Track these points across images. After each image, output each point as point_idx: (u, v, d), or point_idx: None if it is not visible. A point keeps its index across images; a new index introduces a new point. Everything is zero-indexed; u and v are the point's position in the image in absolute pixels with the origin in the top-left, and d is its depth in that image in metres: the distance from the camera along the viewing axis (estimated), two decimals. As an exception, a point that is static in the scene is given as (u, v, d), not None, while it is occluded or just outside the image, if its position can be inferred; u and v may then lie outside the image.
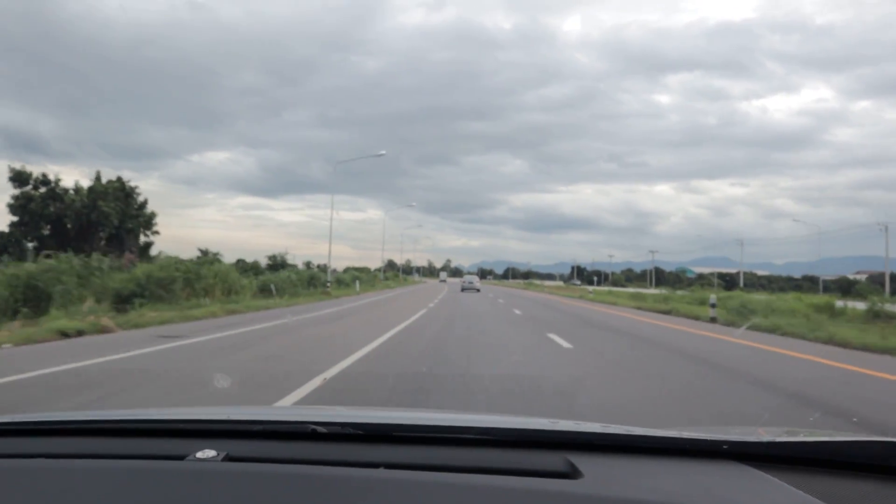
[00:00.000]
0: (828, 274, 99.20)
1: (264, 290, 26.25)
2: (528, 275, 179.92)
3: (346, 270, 63.63)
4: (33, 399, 5.62)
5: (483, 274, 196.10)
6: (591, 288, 41.64)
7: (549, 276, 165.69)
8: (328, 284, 34.87)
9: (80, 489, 1.04)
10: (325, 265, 45.45)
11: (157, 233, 42.67)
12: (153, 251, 39.49)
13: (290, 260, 42.58)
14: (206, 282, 21.65)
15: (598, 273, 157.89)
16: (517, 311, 20.99)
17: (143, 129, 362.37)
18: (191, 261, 23.22)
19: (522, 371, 7.58)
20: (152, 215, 42.59)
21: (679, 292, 35.25)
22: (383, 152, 44.94)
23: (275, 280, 27.88)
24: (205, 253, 32.39)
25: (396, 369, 7.30)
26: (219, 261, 27.61)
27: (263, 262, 40.71)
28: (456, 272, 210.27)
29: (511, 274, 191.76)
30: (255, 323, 14.44)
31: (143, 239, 42.03)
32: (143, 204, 42.07)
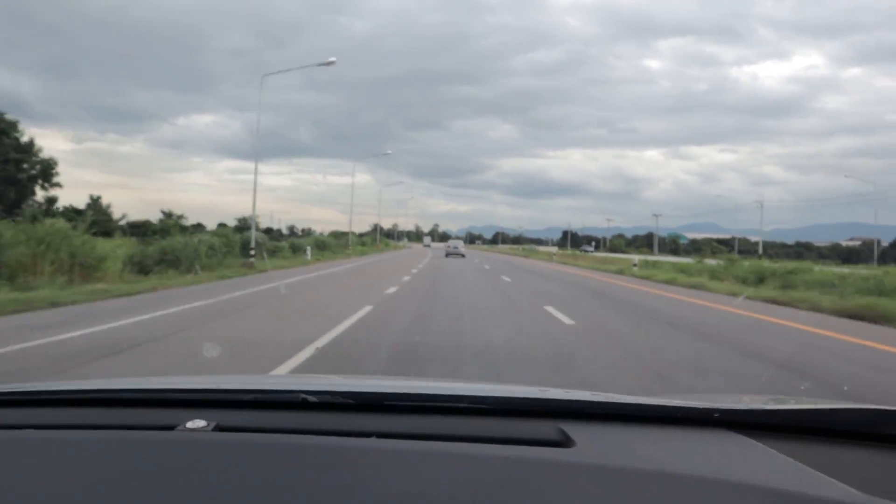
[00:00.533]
0: (819, 240, 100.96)
1: (153, 263, 17.49)
2: (518, 240, 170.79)
3: (329, 235, 58.88)
4: None
5: (471, 239, 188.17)
6: (636, 259, 31.89)
7: (540, 242, 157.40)
8: (252, 253, 23.83)
9: (70, 459, 1.02)
10: (308, 229, 40.27)
11: (57, 185, 33.76)
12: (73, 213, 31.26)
13: (268, 224, 36.51)
14: (45, 251, 13.02)
15: (588, 238, 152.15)
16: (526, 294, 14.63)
17: (128, 92, 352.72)
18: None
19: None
20: (50, 164, 33.51)
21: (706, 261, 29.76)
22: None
23: (175, 247, 18.83)
24: (168, 216, 27.77)
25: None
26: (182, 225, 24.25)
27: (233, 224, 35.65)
28: (444, 237, 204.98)
29: (501, 239, 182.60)
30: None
31: (41, 194, 33.13)
32: (31, 147, 33.23)
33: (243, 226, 35.53)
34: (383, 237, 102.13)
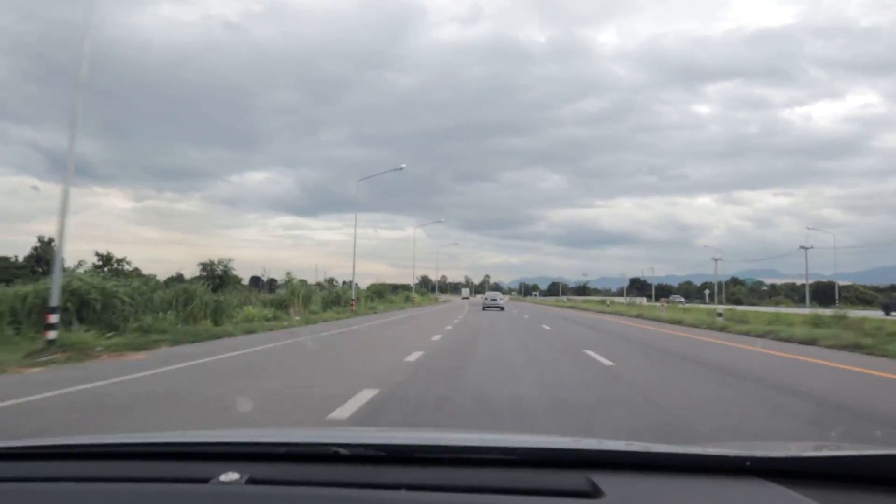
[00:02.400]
0: (883, 283, 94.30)
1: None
2: (583, 290, 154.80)
3: (368, 288, 57.59)
4: None
5: (527, 290, 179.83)
6: (720, 308, 23.83)
7: (596, 292, 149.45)
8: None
9: None
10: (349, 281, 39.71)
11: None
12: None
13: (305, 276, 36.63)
14: None
15: (639, 285, 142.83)
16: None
17: (182, 151, 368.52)
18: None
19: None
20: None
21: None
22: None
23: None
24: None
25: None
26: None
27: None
28: (496, 288, 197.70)
29: (561, 290, 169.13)
30: None
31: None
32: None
33: (210, 275, 33.89)
34: (421, 289, 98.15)
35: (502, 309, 42.06)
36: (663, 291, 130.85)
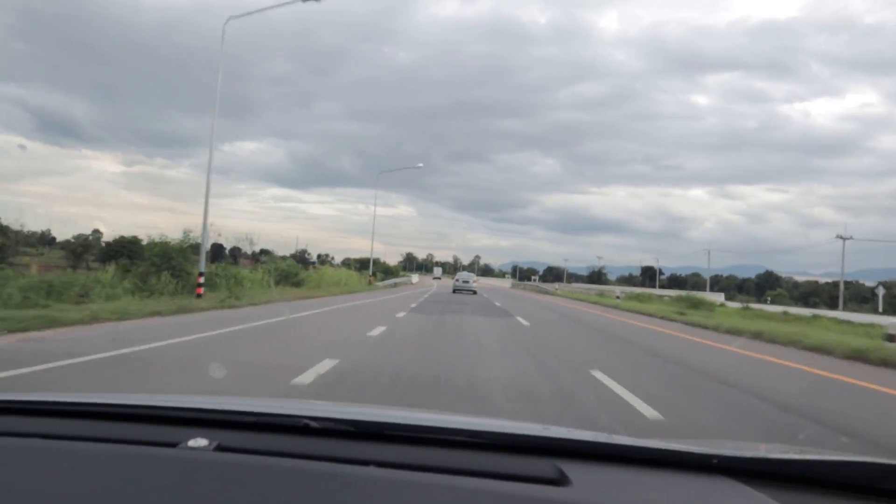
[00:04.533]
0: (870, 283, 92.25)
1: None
2: (598, 276, 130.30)
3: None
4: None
5: (522, 274, 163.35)
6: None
7: (580, 278, 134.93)
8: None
9: (72, 470, 1.05)
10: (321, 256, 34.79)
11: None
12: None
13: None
14: None
15: (651, 274, 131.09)
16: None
17: (173, 117, 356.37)
18: None
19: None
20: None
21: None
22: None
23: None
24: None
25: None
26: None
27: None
28: (487, 271, 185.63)
29: (554, 275, 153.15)
30: None
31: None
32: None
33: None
34: (381, 270, 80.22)
35: (474, 293, 37.53)
36: (676, 283, 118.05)
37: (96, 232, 66.96)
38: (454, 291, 37.87)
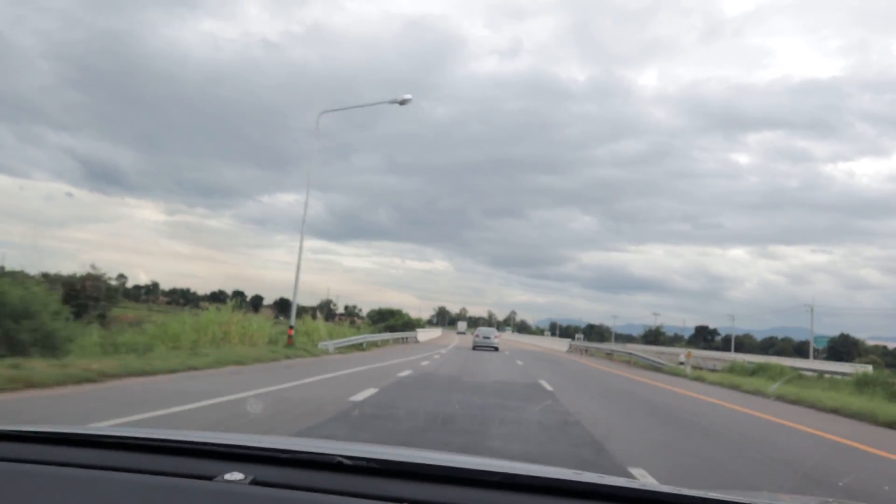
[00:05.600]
0: None
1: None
2: (655, 336, 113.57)
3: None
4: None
5: (564, 332, 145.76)
6: None
7: (627, 338, 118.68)
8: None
9: (111, 500, 1.08)
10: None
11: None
12: None
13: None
14: None
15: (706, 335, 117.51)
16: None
17: (214, 167, 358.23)
18: None
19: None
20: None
21: None
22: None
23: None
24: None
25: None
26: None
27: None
28: (523, 327, 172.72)
29: (598, 334, 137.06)
30: None
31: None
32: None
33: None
34: (401, 323, 63.71)
35: (496, 349, 35.38)
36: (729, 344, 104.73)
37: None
38: (474, 348, 35.06)
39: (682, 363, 23.65)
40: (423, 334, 53.02)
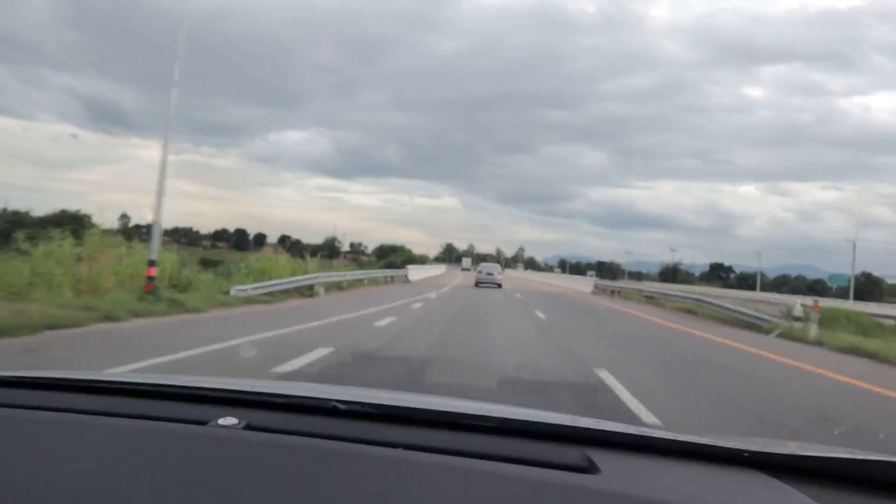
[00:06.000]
0: None
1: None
2: (673, 273, 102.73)
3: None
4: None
5: (574, 269, 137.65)
6: None
7: (637, 275, 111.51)
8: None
9: (104, 444, 1.07)
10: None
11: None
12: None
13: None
14: None
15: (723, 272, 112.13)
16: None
17: (220, 105, 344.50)
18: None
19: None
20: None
21: None
22: None
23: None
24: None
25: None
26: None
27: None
28: (532, 264, 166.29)
29: (608, 271, 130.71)
30: None
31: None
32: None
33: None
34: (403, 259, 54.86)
35: (499, 286, 32.78)
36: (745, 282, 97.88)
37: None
38: (476, 285, 33.04)
39: (797, 318, 14.99)
40: (417, 272, 42.93)
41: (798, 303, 16.26)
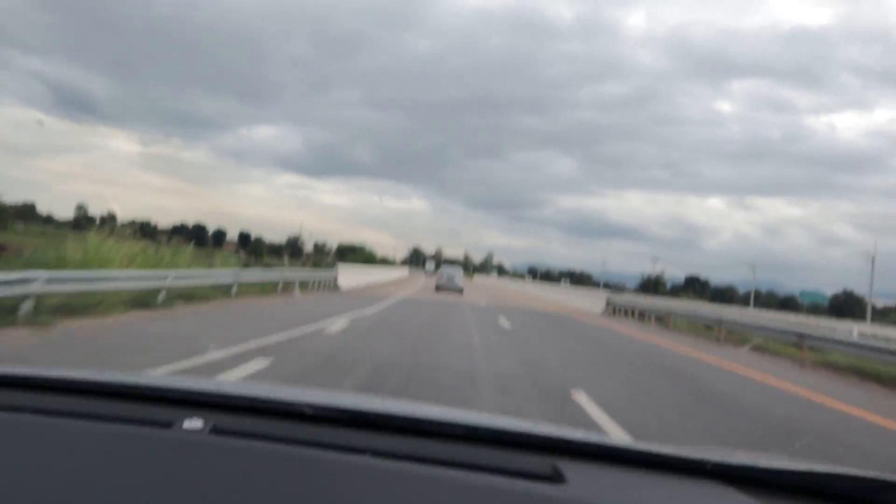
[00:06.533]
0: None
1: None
2: (654, 286, 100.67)
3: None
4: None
5: (544, 277, 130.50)
6: None
7: (619, 287, 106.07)
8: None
9: (65, 446, 1.03)
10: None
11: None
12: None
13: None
14: None
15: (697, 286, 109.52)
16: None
17: (190, 97, 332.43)
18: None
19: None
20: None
21: None
22: None
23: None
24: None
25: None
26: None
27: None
28: (501, 270, 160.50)
29: (576, 280, 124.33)
30: None
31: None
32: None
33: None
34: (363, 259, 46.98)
35: (461, 291, 32.05)
36: (720, 296, 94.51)
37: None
38: (437, 289, 32.33)
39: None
40: (355, 275, 31.83)
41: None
